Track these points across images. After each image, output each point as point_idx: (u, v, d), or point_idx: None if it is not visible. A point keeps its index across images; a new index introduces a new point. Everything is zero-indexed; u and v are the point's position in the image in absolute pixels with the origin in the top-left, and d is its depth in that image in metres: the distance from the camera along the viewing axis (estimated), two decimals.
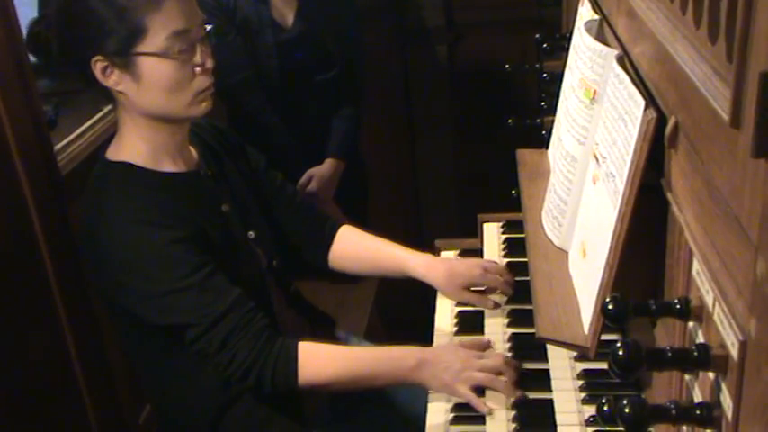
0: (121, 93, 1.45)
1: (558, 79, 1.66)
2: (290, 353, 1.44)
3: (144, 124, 1.49)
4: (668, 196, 0.98)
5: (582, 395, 1.32)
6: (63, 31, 1.46)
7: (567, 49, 1.61)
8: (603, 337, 1.20)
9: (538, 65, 1.95)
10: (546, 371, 1.40)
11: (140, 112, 1.47)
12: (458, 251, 1.88)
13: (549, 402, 1.33)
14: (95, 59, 1.41)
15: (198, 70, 1.46)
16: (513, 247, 1.82)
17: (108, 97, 1.50)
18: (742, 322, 0.69)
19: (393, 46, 3.23)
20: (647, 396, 1.18)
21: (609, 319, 0.89)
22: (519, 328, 1.57)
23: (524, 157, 1.84)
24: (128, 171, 1.48)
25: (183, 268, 1.41)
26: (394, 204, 3.33)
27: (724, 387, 0.75)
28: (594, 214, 1.26)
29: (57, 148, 1.90)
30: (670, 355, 0.81)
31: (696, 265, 0.84)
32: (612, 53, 1.28)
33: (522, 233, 1.63)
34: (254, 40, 2.45)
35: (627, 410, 0.80)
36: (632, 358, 0.80)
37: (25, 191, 1.71)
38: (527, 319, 1.46)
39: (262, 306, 1.49)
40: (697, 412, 0.80)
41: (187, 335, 1.43)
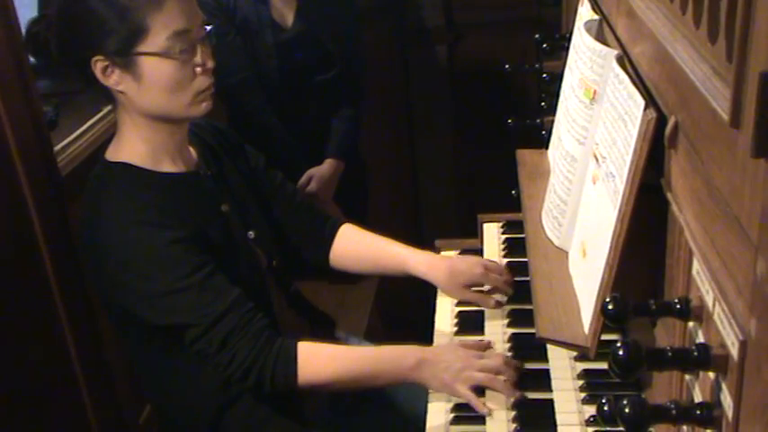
0: (122, 92, 1.45)
1: (558, 79, 1.66)
2: (290, 353, 1.44)
3: (144, 124, 1.49)
4: (668, 196, 0.98)
5: (582, 395, 1.32)
6: (63, 31, 1.46)
7: (567, 49, 1.61)
8: (604, 337, 1.20)
9: (538, 65, 1.95)
10: (546, 371, 1.40)
11: (140, 111, 1.47)
12: (458, 251, 1.87)
13: (550, 402, 1.33)
14: (96, 59, 1.41)
15: (198, 70, 1.46)
16: (513, 247, 1.82)
17: (108, 97, 1.50)
18: (742, 322, 0.69)
19: (393, 46, 3.23)
20: (647, 396, 1.18)
21: (609, 319, 0.89)
22: (519, 328, 1.57)
23: (524, 157, 1.84)
24: (127, 171, 1.48)
25: (183, 268, 1.41)
26: (394, 204, 3.32)
27: (724, 387, 0.75)
28: (594, 214, 1.26)
29: (57, 148, 1.90)
30: (670, 354, 0.81)
31: (696, 265, 0.84)
32: (612, 53, 1.28)
33: (522, 233, 1.63)
34: (254, 40, 2.46)
35: (627, 410, 0.80)
36: (632, 358, 0.80)
37: (25, 191, 1.71)
38: (527, 319, 1.46)
39: (261, 306, 1.49)
40: (697, 412, 0.80)
41: (187, 335, 1.43)
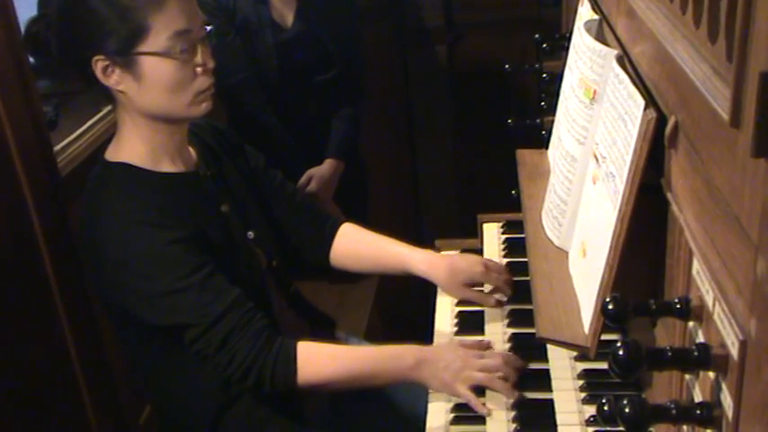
0: (122, 92, 1.45)
1: (558, 79, 1.66)
2: (290, 353, 1.44)
3: (143, 124, 1.49)
4: (668, 196, 0.98)
5: (582, 395, 1.32)
6: (64, 31, 1.46)
7: (567, 49, 1.61)
8: (604, 337, 1.20)
9: (538, 65, 1.95)
10: (546, 371, 1.40)
11: (140, 111, 1.47)
12: (458, 251, 1.87)
13: (550, 402, 1.33)
14: (96, 59, 1.41)
15: (199, 70, 1.46)
16: (513, 247, 1.82)
17: (108, 97, 1.50)
18: (742, 322, 0.69)
19: (393, 46, 3.23)
20: (647, 396, 1.18)
21: (609, 319, 0.89)
22: (519, 328, 1.57)
23: (524, 157, 1.84)
24: (127, 171, 1.48)
25: (183, 268, 1.41)
26: (394, 204, 3.32)
27: (724, 387, 0.75)
28: (594, 214, 1.26)
29: (57, 148, 1.90)
30: (670, 354, 0.81)
31: (696, 265, 0.84)
32: (612, 53, 1.28)
33: (522, 233, 1.63)
34: (254, 40, 2.46)
35: (627, 410, 0.80)
36: (632, 358, 0.80)
37: (25, 191, 1.70)
38: (527, 319, 1.46)
39: (261, 307, 1.49)
40: (697, 412, 0.80)
41: (186, 335, 1.43)
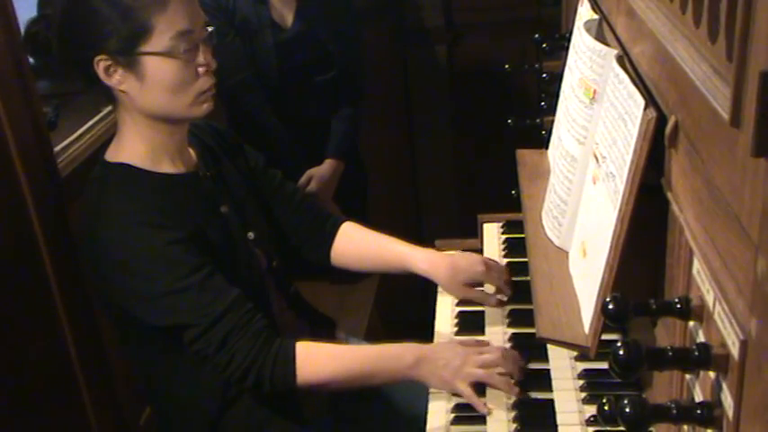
0: (124, 92, 1.45)
1: (558, 79, 1.66)
2: (289, 353, 1.44)
3: (144, 124, 1.49)
4: (668, 196, 0.98)
5: (582, 395, 1.32)
6: (66, 31, 1.46)
7: (567, 49, 1.61)
8: (604, 337, 1.20)
9: (537, 65, 1.95)
10: (546, 371, 1.40)
11: (142, 111, 1.47)
12: (458, 251, 1.87)
13: (550, 402, 1.33)
14: (99, 58, 1.41)
15: (201, 70, 1.46)
16: (513, 247, 1.82)
17: (108, 98, 1.50)
18: (742, 321, 0.69)
19: (393, 46, 3.23)
20: (647, 396, 1.18)
21: (609, 319, 0.89)
22: (519, 328, 1.57)
23: (524, 157, 1.84)
24: (127, 172, 1.48)
25: (183, 269, 1.41)
26: (394, 204, 3.32)
27: (725, 386, 0.75)
28: (594, 214, 1.26)
29: (57, 149, 1.89)
30: (671, 354, 0.81)
31: (696, 265, 0.84)
32: (612, 53, 1.28)
33: (522, 233, 1.63)
34: (254, 40, 2.45)
35: (628, 410, 0.80)
36: (633, 358, 0.80)
37: (25, 192, 1.70)
38: (527, 319, 1.46)
39: (261, 308, 1.49)
40: (698, 412, 0.80)
41: (186, 335, 1.43)
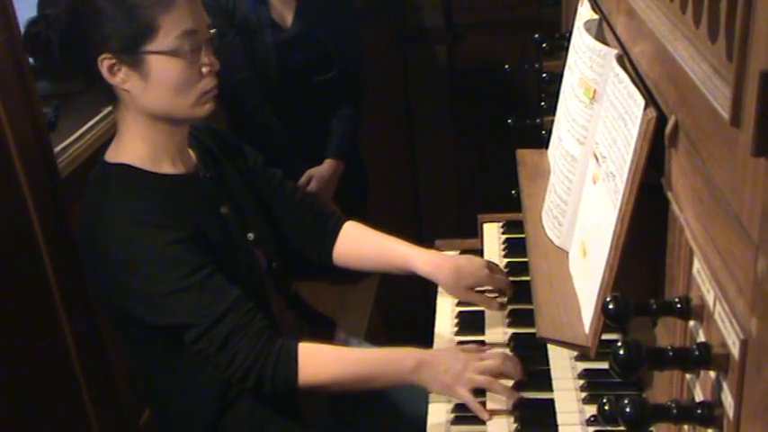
0: (127, 91, 1.45)
1: (558, 79, 1.66)
2: (290, 353, 1.44)
3: (145, 124, 1.49)
4: (668, 195, 0.98)
5: (583, 395, 1.32)
6: (70, 30, 1.45)
7: (567, 49, 1.61)
8: (604, 337, 1.20)
9: (537, 65, 1.95)
10: (547, 371, 1.40)
11: (143, 111, 1.47)
12: (458, 251, 1.87)
13: (550, 402, 1.33)
14: (103, 57, 1.41)
15: (205, 70, 1.46)
16: (513, 247, 1.82)
17: (109, 97, 1.50)
18: (743, 321, 0.69)
19: (392, 46, 3.23)
20: (648, 395, 1.18)
21: (610, 319, 0.89)
22: (519, 328, 1.57)
23: (524, 157, 1.84)
24: (127, 172, 1.48)
25: (183, 269, 1.41)
26: (394, 204, 3.32)
27: (725, 386, 0.75)
28: (594, 214, 1.26)
29: (56, 149, 1.90)
30: (671, 354, 0.81)
31: (697, 264, 0.84)
32: (612, 52, 1.28)
33: (522, 233, 1.63)
34: (253, 40, 2.46)
35: (628, 410, 0.80)
36: (633, 358, 0.80)
37: (25, 192, 1.71)
38: (527, 319, 1.46)
39: (261, 308, 1.49)
40: (698, 411, 0.80)
41: (187, 335, 1.43)
